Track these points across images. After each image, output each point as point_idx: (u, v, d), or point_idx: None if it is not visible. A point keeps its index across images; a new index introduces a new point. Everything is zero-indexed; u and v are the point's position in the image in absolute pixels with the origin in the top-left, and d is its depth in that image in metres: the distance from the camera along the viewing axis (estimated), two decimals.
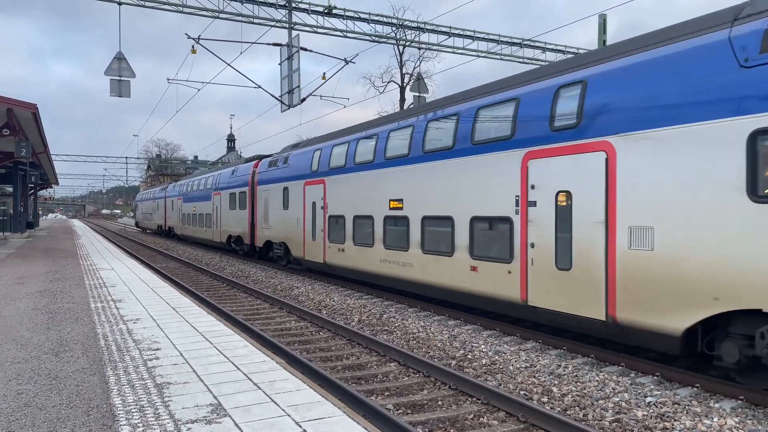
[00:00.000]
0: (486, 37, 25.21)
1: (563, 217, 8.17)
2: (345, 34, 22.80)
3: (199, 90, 24.77)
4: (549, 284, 8.36)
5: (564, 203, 8.19)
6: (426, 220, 11.45)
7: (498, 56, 25.80)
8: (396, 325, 10.41)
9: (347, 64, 21.43)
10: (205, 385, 5.20)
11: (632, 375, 7.33)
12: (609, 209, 7.47)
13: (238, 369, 5.74)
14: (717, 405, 6.18)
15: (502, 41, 25.55)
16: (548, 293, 8.39)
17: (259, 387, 5.16)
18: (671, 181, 6.75)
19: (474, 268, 10.01)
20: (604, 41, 19.21)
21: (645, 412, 5.96)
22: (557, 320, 8.44)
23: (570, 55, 24.75)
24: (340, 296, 13.67)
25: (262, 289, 14.79)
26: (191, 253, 27.22)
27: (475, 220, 10.06)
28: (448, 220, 10.74)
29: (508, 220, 9.24)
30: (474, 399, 6.48)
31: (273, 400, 4.80)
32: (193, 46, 19.48)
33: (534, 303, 8.66)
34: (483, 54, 25.44)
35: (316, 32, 22.23)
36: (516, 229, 9.02)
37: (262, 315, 11.81)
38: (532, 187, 8.74)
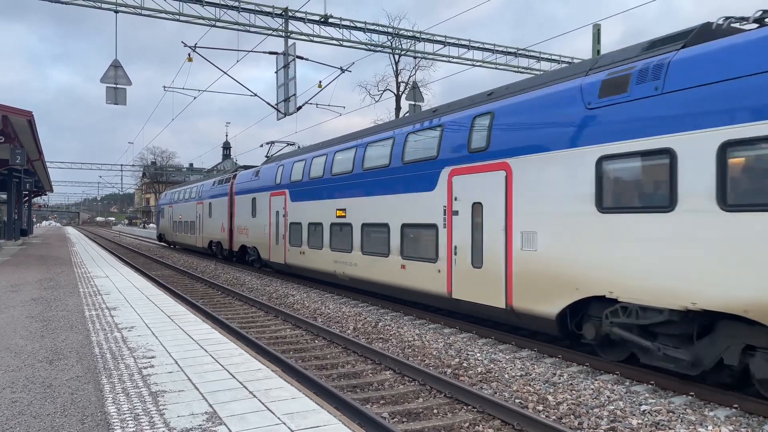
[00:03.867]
0: (481, 46, 25.37)
1: None
2: (341, 42, 22.89)
3: (195, 98, 24.81)
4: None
5: None
6: None
7: (493, 65, 25.96)
8: (391, 333, 10.41)
9: (343, 72, 21.53)
10: (200, 393, 5.19)
11: (627, 383, 7.36)
12: None
13: (234, 377, 5.73)
14: (711, 413, 6.21)
15: (497, 50, 25.72)
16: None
17: (254, 395, 5.16)
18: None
19: None
20: (599, 51, 19.36)
21: (640, 421, 5.98)
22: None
23: (564, 65, 24.94)
24: (336, 304, 13.65)
25: (257, 297, 14.75)
26: (186, 261, 27.12)
27: None
28: None
29: None
30: (469, 407, 6.49)
31: (268, 409, 4.79)
32: (189, 54, 19.56)
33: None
34: (478, 63, 25.59)
35: (313, 41, 22.33)
36: None
37: (258, 323, 11.78)
38: None
